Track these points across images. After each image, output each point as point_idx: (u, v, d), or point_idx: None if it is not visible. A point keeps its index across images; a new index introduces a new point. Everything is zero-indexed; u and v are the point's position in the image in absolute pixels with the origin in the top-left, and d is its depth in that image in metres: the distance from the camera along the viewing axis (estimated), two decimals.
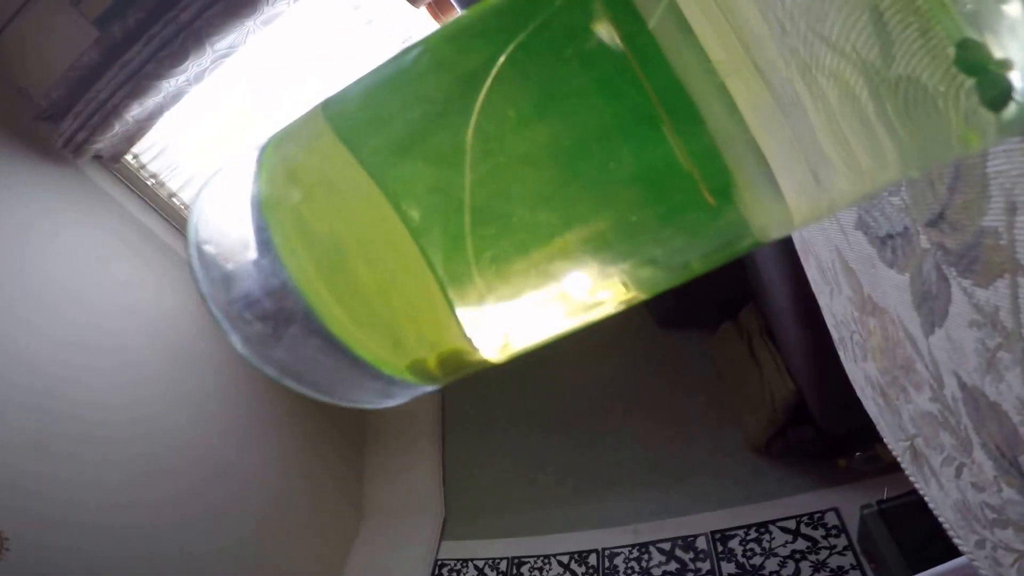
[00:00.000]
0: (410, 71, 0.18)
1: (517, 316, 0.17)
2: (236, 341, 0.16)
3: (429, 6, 1.43)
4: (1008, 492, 0.29)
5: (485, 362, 0.18)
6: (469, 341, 0.17)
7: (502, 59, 0.15)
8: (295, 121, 0.16)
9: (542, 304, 0.17)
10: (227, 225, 0.14)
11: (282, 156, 0.15)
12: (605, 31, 0.14)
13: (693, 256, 0.16)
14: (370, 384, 0.16)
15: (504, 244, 0.16)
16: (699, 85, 0.14)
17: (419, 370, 0.16)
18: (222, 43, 1.27)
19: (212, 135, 1.61)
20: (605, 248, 0.16)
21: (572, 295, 0.17)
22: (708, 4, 0.14)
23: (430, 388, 0.18)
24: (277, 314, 0.14)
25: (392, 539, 1.79)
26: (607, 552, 1.47)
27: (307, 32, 1.50)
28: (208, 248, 0.15)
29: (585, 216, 0.16)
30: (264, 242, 0.14)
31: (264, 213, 0.14)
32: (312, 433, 1.85)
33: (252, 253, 0.14)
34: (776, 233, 0.15)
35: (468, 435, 1.97)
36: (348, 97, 0.18)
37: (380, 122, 0.17)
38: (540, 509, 1.65)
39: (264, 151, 0.15)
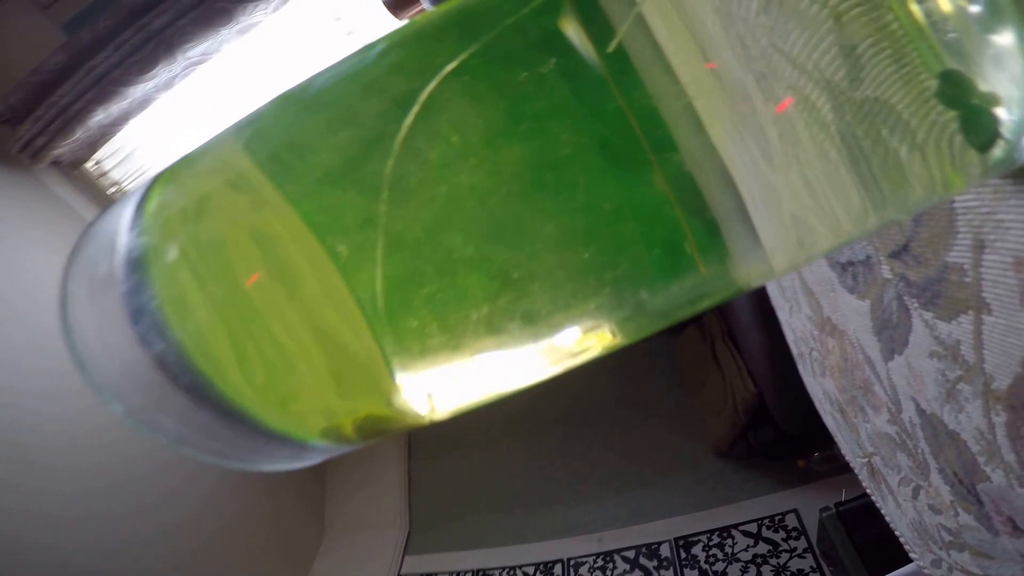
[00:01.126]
0: (348, 85, 0.15)
1: (459, 373, 0.15)
2: (118, 411, 0.13)
3: (411, 18, 1.40)
4: (965, 518, 0.29)
5: (419, 421, 0.16)
6: (402, 402, 0.15)
7: (455, 74, 0.13)
8: (189, 153, 0.14)
9: (488, 360, 0.15)
10: (102, 281, 0.12)
11: (170, 196, 0.13)
12: (578, 44, 0.12)
13: (662, 308, 0.14)
14: (278, 451, 0.14)
15: (445, 289, 0.14)
16: (673, 112, 0.12)
17: (336, 435, 0.14)
18: (195, 51, 1.22)
19: (182, 143, 1.53)
20: (561, 292, 0.14)
21: (520, 351, 0.15)
22: (673, 21, 0.12)
23: (349, 449, 0.16)
24: (161, 383, 0.12)
25: (355, 554, 1.75)
26: (572, 562, 1.46)
27: (285, 42, 1.44)
28: (80, 307, 0.12)
29: (538, 256, 0.14)
30: (139, 303, 0.11)
31: (140, 268, 0.11)
32: None
33: (127, 313, 0.12)
34: (757, 281, 0.14)
35: (432, 446, 1.93)
36: (268, 120, 0.16)
37: (308, 148, 0.15)
38: (504, 520, 1.63)
39: (150, 189, 0.13)
